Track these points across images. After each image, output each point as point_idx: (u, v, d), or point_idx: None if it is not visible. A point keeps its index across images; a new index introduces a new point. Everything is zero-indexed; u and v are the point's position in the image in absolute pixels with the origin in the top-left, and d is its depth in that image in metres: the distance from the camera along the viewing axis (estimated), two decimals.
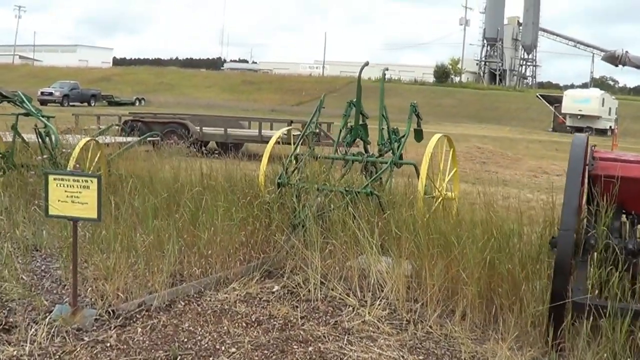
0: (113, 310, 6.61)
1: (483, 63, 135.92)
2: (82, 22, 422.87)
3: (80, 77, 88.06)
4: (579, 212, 6.61)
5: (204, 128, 24.48)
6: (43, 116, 12.36)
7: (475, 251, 6.99)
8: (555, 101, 75.37)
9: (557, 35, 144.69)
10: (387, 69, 12.13)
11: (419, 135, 11.06)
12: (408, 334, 6.66)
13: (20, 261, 8.15)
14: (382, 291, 7.49)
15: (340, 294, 7.49)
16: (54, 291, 7.40)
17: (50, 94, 71.19)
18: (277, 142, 10.48)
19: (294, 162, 10.04)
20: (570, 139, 6.72)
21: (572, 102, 70.21)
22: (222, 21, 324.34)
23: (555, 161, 30.42)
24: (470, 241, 7.18)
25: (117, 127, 14.74)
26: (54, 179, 6.38)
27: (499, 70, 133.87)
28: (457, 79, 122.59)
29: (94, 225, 8.04)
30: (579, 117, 69.20)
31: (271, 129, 25.20)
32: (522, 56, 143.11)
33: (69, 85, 72.30)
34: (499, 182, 16.46)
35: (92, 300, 6.99)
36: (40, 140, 11.68)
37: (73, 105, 64.60)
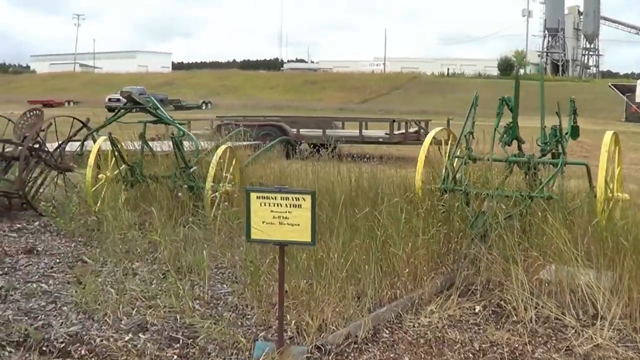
0: (321, 345, 5.79)
1: (545, 54, 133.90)
2: (139, 28, 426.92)
3: (143, 83, 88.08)
4: None
5: (300, 130, 23.78)
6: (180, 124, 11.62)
7: None
8: (628, 90, 73.65)
9: (619, 23, 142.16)
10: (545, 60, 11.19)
11: (575, 132, 10.20)
12: None
13: (180, 286, 7.17)
14: (595, 308, 6.62)
15: (554, 313, 6.63)
16: (239, 322, 6.50)
17: (118, 100, 70.84)
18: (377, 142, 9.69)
19: (454, 165, 9.21)
20: None
21: None
22: (279, 21, 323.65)
23: None
24: None
25: (241, 131, 13.85)
26: (258, 197, 5.55)
27: (562, 60, 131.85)
28: (521, 71, 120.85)
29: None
30: None
31: (366, 128, 24.45)
32: (584, 46, 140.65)
33: (136, 91, 71.60)
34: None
35: (291, 333, 6.13)
36: (177, 149, 10.84)
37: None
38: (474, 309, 6.86)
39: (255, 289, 6.87)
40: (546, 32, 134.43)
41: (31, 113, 12.68)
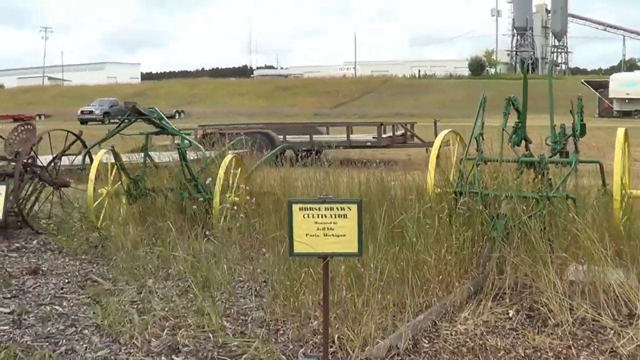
0: (366, 359, 5.60)
1: (514, 53, 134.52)
2: (107, 39, 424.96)
3: (113, 94, 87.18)
4: None
5: (287, 136, 23.60)
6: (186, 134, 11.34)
7: None
8: (600, 86, 73.92)
9: (586, 19, 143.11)
10: (557, 64, 11.12)
11: (583, 129, 10.10)
12: None
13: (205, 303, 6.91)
14: (629, 307, 6.53)
15: (590, 314, 6.49)
16: (272, 339, 6.24)
17: (91, 112, 70.75)
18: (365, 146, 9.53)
19: (464, 167, 9.06)
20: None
21: (619, 86, 68.84)
22: (247, 29, 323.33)
23: (634, 147, 29.21)
24: None
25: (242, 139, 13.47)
26: (300, 209, 5.28)
27: (531, 59, 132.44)
28: (492, 70, 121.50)
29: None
30: (626, 100, 67.91)
31: (351, 132, 24.24)
32: (553, 43, 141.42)
33: (109, 102, 71.63)
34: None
35: (332, 347, 5.90)
36: (183, 160, 10.54)
37: (114, 122, 63.67)
38: (507, 314, 6.72)
39: (290, 303, 6.70)
40: (515, 30, 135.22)
41: (22, 128, 12.44)
